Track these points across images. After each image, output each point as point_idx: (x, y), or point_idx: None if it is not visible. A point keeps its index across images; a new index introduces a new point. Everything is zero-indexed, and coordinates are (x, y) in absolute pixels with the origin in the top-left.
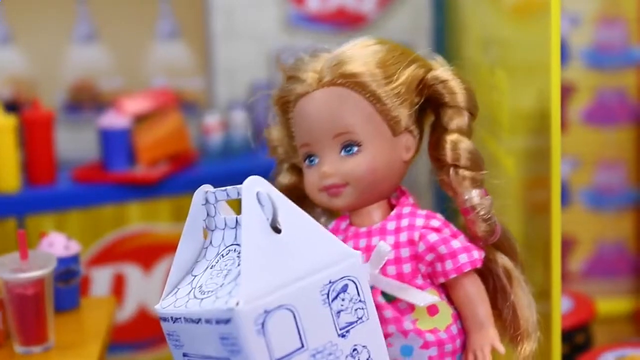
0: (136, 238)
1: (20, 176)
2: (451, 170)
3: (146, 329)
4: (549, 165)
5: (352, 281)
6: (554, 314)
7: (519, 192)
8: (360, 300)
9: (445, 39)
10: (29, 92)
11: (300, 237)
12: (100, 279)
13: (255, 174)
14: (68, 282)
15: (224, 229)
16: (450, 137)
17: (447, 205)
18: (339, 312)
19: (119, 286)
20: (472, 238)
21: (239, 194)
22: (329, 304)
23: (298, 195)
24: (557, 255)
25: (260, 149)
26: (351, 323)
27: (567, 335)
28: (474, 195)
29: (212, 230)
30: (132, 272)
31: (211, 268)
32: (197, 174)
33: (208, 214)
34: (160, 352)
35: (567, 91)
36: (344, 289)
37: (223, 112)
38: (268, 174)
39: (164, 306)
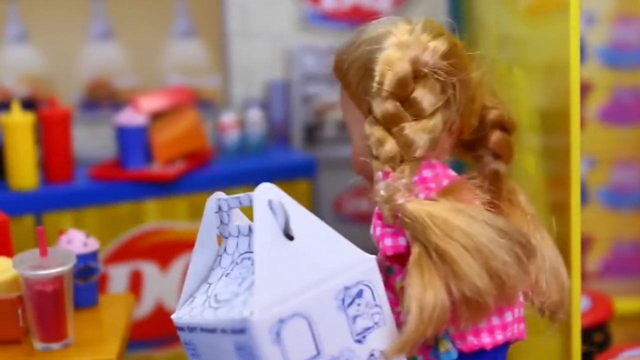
0: (153, 235)
1: (37, 174)
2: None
3: (163, 326)
4: (568, 165)
5: (367, 286)
6: (574, 313)
7: (538, 191)
8: (376, 305)
9: (460, 37)
10: (46, 90)
11: (313, 244)
12: (118, 276)
13: (270, 172)
14: (87, 279)
15: (237, 237)
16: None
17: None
18: (355, 317)
19: (136, 283)
20: None
21: (250, 201)
22: (345, 310)
23: None
24: (577, 254)
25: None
26: (367, 328)
27: (586, 334)
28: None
29: (226, 238)
30: (149, 270)
31: (226, 276)
32: (213, 172)
33: (221, 222)
34: (178, 349)
35: (583, 90)
36: (360, 294)
37: (239, 110)
38: (283, 172)
39: (180, 316)
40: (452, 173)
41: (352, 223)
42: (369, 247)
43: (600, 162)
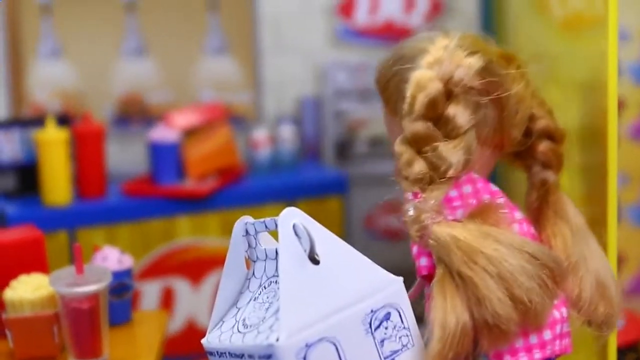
0: (185, 252)
1: (71, 189)
2: None
3: (195, 343)
4: (604, 182)
5: (395, 308)
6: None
7: None
8: (404, 327)
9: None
10: (79, 106)
11: (339, 267)
12: (150, 292)
13: (302, 189)
14: (121, 296)
15: (265, 260)
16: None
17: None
18: (382, 340)
19: (168, 299)
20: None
21: (276, 225)
22: (372, 333)
23: None
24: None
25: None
26: (396, 351)
27: (619, 354)
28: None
29: (254, 262)
30: (181, 286)
31: (254, 300)
32: (245, 188)
33: (249, 245)
34: None
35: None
36: (387, 317)
37: (271, 126)
38: (315, 189)
39: (209, 340)
40: (494, 188)
41: (382, 240)
42: (399, 263)
43: (631, 179)
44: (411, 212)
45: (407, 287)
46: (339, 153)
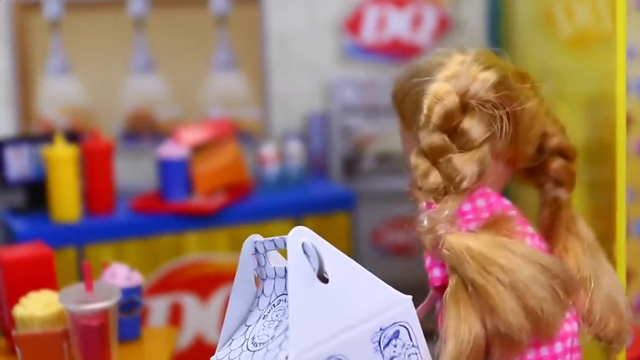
0: (194, 268)
1: (80, 206)
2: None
3: (203, 359)
4: (612, 197)
5: (404, 326)
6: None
7: None
8: (413, 345)
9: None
10: (87, 122)
11: (348, 286)
12: (158, 308)
13: (310, 205)
14: (130, 312)
15: (274, 279)
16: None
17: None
18: (391, 358)
19: (176, 315)
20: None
21: (285, 244)
22: (381, 352)
23: None
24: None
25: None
26: None
27: None
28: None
29: (264, 280)
30: (189, 302)
31: (263, 318)
32: (253, 204)
33: (259, 264)
34: None
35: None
36: (396, 335)
37: (278, 141)
38: (322, 205)
39: (219, 357)
40: (507, 202)
41: (390, 256)
42: (406, 279)
43: (638, 194)
44: (425, 222)
45: (416, 304)
46: (346, 169)
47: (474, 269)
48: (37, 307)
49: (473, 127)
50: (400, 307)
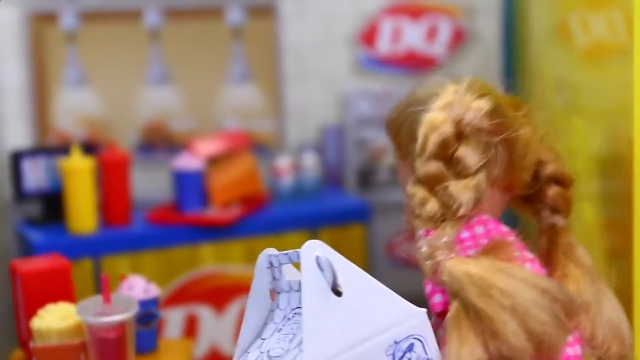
0: (209, 279)
1: (96, 217)
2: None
3: None
4: (629, 210)
5: (418, 339)
6: None
7: (593, 238)
8: (427, 358)
9: (515, 81)
10: (103, 133)
11: (362, 299)
12: (174, 320)
13: (325, 216)
14: (147, 324)
15: (289, 292)
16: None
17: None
18: None
19: (191, 327)
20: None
21: (299, 258)
22: None
23: None
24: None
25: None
26: None
27: None
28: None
29: (279, 293)
30: (204, 313)
31: (278, 331)
32: (268, 216)
33: (273, 277)
34: None
35: None
36: (410, 348)
37: (293, 153)
38: (337, 217)
39: None
40: (505, 229)
41: (404, 267)
42: (421, 290)
43: None
44: (424, 249)
45: (430, 314)
46: (361, 181)
47: (475, 293)
48: (54, 319)
49: (468, 154)
50: (415, 320)
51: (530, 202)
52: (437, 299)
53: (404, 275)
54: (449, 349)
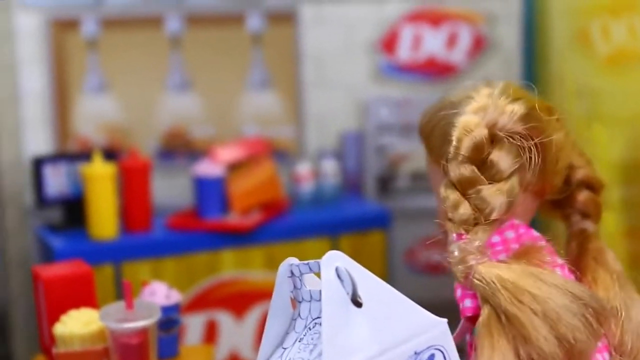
0: (229, 285)
1: (117, 223)
2: None
3: None
4: None
5: (439, 350)
6: None
7: (618, 245)
8: None
9: (536, 89)
10: (123, 140)
11: (382, 310)
12: (194, 325)
13: (345, 223)
14: (169, 330)
15: (310, 302)
16: None
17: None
18: None
19: (211, 332)
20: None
21: (319, 268)
22: None
23: None
24: None
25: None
26: None
27: None
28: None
29: (300, 302)
30: (224, 319)
31: (299, 341)
32: (288, 222)
33: (295, 286)
34: None
35: None
36: (431, 358)
37: (312, 160)
38: (357, 223)
39: None
40: (535, 234)
41: (424, 274)
42: (441, 297)
43: None
44: (456, 253)
45: (450, 324)
46: (381, 187)
47: (506, 298)
48: (77, 325)
49: (502, 158)
50: (436, 330)
51: (561, 207)
52: (467, 304)
53: (424, 282)
54: (481, 355)
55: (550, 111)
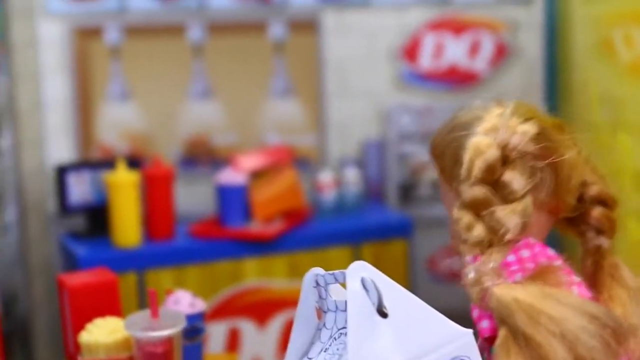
0: (252, 293)
1: (140, 231)
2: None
3: None
4: None
5: None
6: None
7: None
8: None
9: (558, 97)
10: (146, 147)
11: (407, 320)
12: (217, 334)
13: (367, 231)
14: (193, 339)
15: (335, 312)
16: None
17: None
18: None
19: (234, 340)
20: None
21: (344, 278)
22: None
23: None
24: None
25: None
26: None
27: None
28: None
29: (325, 312)
30: (247, 327)
31: (325, 351)
32: (311, 231)
33: (320, 296)
34: None
35: None
36: None
37: (334, 168)
38: (379, 231)
39: None
40: (551, 252)
41: (446, 282)
42: (462, 306)
43: None
44: (471, 275)
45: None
46: (403, 195)
47: (523, 320)
48: (102, 333)
49: (515, 179)
50: (461, 340)
51: (575, 224)
52: (484, 325)
53: (446, 290)
54: None
55: (561, 129)
